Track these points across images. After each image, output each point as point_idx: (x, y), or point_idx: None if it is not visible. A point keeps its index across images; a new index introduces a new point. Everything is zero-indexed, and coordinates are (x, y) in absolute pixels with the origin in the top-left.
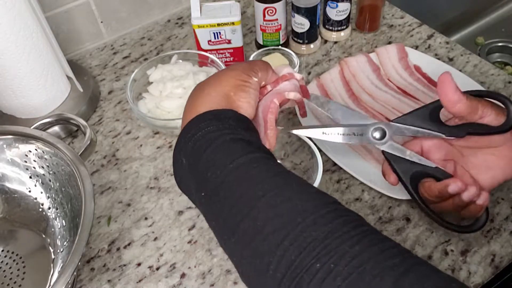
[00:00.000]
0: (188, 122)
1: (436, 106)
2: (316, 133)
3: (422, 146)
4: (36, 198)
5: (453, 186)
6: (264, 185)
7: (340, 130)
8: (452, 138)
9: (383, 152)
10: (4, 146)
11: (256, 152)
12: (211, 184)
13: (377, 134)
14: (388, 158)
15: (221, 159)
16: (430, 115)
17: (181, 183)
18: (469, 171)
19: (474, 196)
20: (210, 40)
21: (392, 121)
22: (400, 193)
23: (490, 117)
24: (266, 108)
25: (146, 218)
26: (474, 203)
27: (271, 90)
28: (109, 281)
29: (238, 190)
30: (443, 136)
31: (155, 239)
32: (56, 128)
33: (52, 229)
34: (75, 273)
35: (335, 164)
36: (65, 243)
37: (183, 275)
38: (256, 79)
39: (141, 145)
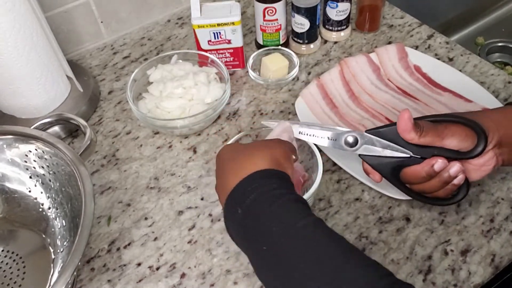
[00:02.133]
0: (247, 176)
1: None
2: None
3: None
4: (36, 198)
5: (439, 163)
6: (329, 249)
7: (316, 131)
8: (418, 157)
9: (360, 156)
10: (4, 146)
11: (313, 215)
12: (276, 238)
13: (349, 140)
14: (366, 160)
15: (287, 217)
16: (398, 133)
17: (230, 229)
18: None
19: (460, 169)
20: (210, 40)
21: (366, 131)
22: (400, 193)
23: (452, 143)
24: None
25: (146, 218)
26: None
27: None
28: (109, 281)
29: (304, 250)
30: (410, 154)
31: (155, 239)
32: (56, 128)
33: (52, 229)
34: (75, 273)
35: (335, 164)
36: (65, 243)
37: (183, 275)
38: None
39: (141, 145)
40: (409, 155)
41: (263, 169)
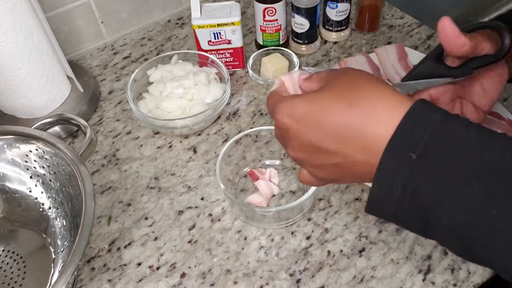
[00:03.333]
0: (403, 118)
1: (438, 53)
2: None
3: (430, 95)
4: (36, 198)
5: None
6: None
7: None
8: (462, 79)
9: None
10: (5, 146)
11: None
12: (487, 161)
13: None
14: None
15: (488, 140)
16: (435, 63)
17: (391, 191)
18: (471, 100)
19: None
20: (210, 41)
21: (402, 80)
22: None
23: (486, 48)
24: None
25: (146, 218)
26: None
27: None
28: (109, 280)
29: None
30: (453, 79)
31: (155, 239)
32: (56, 128)
33: (53, 229)
34: (75, 273)
35: None
36: (65, 243)
37: (183, 275)
38: None
39: (141, 145)
40: (451, 80)
41: (410, 107)
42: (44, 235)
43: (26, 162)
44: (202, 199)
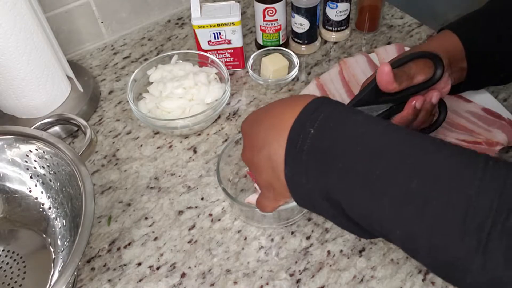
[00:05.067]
0: (306, 105)
1: (376, 85)
2: None
3: None
4: (36, 198)
5: (419, 101)
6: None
7: None
8: (399, 103)
9: None
10: (5, 146)
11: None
12: (368, 138)
13: None
14: None
15: (369, 121)
16: (376, 91)
17: (296, 164)
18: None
19: (438, 94)
20: (210, 40)
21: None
22: None
23: (421, 78)
24: None
25: (146, 218)
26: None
27: None
28: (109, 280)
29: (403, 143)
30: (391, 105)
31: (155, 239)
32: (56, 128)
33: (53, 229)
34: (75, 273)
35: None
36: (65, 243)
37: (183, 275)
38: None
39: (141, 145)
40: (390, 106)
41: (316, 98)
42: (44, 235)
43: (26, 162)
44: (202, 199)
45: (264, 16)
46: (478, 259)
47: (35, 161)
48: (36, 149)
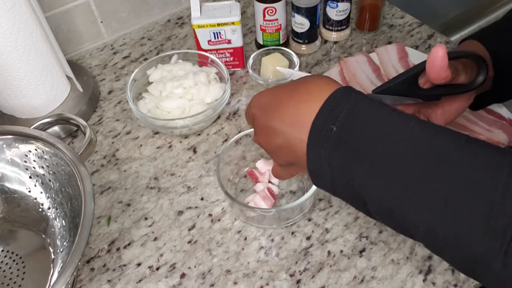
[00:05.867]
0: (328, 98)
1: (417, 73)
2: None
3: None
4: (36, 198)
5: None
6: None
7: None
8: (429, 102)
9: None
10: (4, 146)
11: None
12: (392, 139)
13: None
14: None
15: (394, 120)
16: (410, 82)
17: (320, 160)
18: (428, 117)
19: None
20: (210, 40)
21: (373, 91)
22: None
23: (461, 79)
24: None
25: (146, 218)
26: None
27: None
28: (109, 281)
29: (428, 145)
30: (421, 101)
31: (155, 239)
32: (56, 128)
33: (52, 229)
34: (75, 273)
35: None
36: (65, 243)
37: (183, 275)
38: None
39: (141, 145)
40: (420, 102)
41: (337, 88)
42: (44, 236)
43: (26, 162)
44: (202, 199)
45: (264, 16)
46: (500, 260)
47: (34, 161)
48: (36, 149)
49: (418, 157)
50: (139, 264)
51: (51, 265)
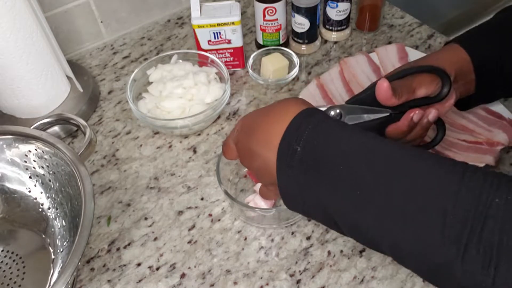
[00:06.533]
0: (293, 119)
1: None
2: None
3: None
4: (36, 198)
5: (416, 114)
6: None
7: None
8: (397, 112)
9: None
10: (4, 146)
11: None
12: (350, 155)
13: (332, 114)
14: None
15: (353, 136)
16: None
17: (288, 178)
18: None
19: (437, 113)
20: (210, 40)
21: (346, 102)
22: None
23: (423, 93)
24: None
25: (146, 218)
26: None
27: None
28: (109, 281)
29: (386, 159)
30: (389, 112)
31: (155, 239)
32: (56, 128)
33: (52, 229)
34: (75, 273)
35: None
36: (65, 243)
37: (183, 275)
38: None
39: (141, 145)
40: (389, 113)
41: (302, 110)
42: (44, 236)
43: (26, 162)
44: (202, 199)
45: (264, 16)
46: (459, 267)
47: (34, 161)
48: (36, 149)
49: (374, 171)
50: (139, 264)
51: (51, 265)
